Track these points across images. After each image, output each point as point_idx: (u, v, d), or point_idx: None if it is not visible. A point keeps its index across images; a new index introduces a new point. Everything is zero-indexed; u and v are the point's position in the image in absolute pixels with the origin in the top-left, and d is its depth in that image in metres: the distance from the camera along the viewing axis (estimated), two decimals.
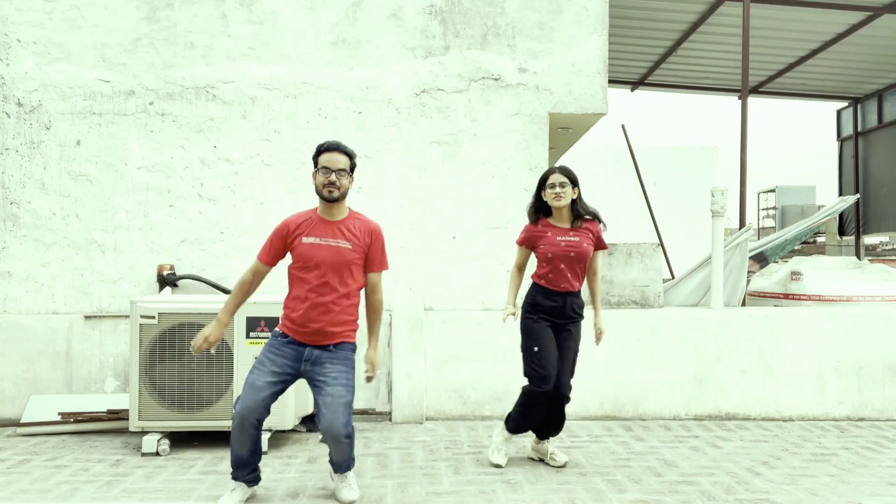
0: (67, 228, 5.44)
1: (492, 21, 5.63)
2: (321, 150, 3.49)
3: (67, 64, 5.45)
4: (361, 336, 3.81)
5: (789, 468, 4.21)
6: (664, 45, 9.36)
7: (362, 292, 3.61)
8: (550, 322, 4.06)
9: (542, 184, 4.07)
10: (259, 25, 5.54)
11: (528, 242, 4.12)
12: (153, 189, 5.47)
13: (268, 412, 3.47)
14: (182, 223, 5.47)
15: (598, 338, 4.18)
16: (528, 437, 4.50)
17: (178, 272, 5.42)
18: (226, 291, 5.32)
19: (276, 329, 3.56)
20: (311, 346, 3.47)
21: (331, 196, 3.44)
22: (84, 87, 5.45)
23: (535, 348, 3.99)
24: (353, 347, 3.59)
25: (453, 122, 5.59)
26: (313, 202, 5.58)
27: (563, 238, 4.00)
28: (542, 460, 4.29)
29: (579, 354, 4.16)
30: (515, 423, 4.17)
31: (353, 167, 3.52)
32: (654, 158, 14.39)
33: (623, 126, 9.01)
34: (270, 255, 3.55)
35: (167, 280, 5.33)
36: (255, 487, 3.68)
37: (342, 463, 3.62)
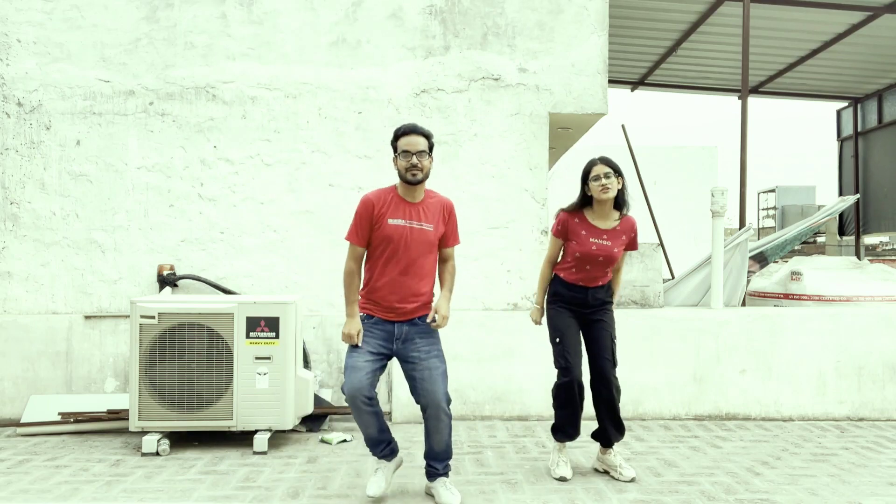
0: (67, 228, 5.44)
1: (492, 21, 5.63)
2: (398, 134, 3.49)
3: (67, 64, 5.45)
4: None
5: (789, 468, 4.21)
6: (664, 45, 9.36)
7: None
8: (575, 311, 3.94)
9: (586, 177, 3.86)
10: (259, 25, 5.54)
11: (563, 234, 3.92)
12: (153, 189, 5.47)
13: (374, 389, 3.48)
14: (182, 223, 5.47)
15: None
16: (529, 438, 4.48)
17: (178, 272, 5.42)
18: (226, 291, 5.33)
19: (361, 313, 3.58)
20: (398, 322, 3.52)
21: (415, 178, 3.45)
22: (84, 87, 5.45)
23: (557, 339, 3.89)
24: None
25: (453, 122, 5.59)
26: (313, 201, 5.61)
27: (596, 241, 3.84)
28: (607, 473, 4.04)
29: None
30: (555, 424, 4.02)
31: (431, 147, 3.52)
32: (654, 158, 14.40)
33: (623, 126, 9.01)
34: (361, 237, 3.52)
35: (167, 280, 5.33)
36: (398, 458, 3.75)
37: (442, 452, 3.58)
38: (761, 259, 7.24)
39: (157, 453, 4.39)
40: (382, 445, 3.65)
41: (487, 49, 5.63)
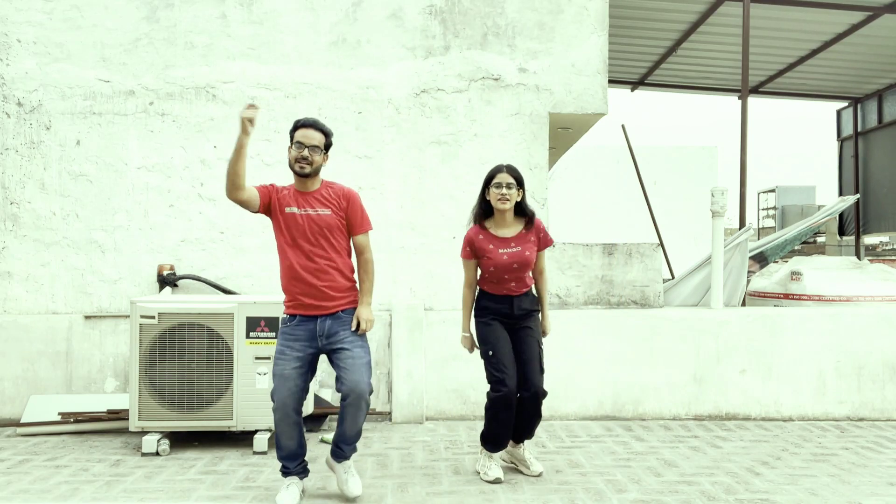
0: (67, 228, 5.44)
1: (492, 21, 5.63)
2: (297, 125, 3.53)
3: (67, 64, 5.45)
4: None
5: (789, 468, 4.21)
6: (664, 45, 9.36)
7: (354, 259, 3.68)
8: (503, 322, 3.93)
9: (488, 182, 3.87)
10: (259, 25, 5.54)
11: (473, 254, 3.93)
12: (153, 189, 5.47)
13: (304, 397, 3.55)
14: (182, 223, 5.47)
15: (530, 329, 3.95)
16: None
17: (178, 272, 5.42)
18: (226, 291, 5.33)
19: (283, 315, 3.63)
20: (320, 317, 3.52)
21: (302, 171, 3.49)
22: (84, 87, 5.45)
23: (490, 352, 3.86)
24: None
25: (453, 122, 5.59)
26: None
27: (506, 250, 3.84)
28: (514, 466, 4.11)
29: (544, 351, 3.99)
30: (487, 436, 3.97)
31: (327, 145, 3.56)
32: (654, 158, 14.38)
33: (623, 126, 9.01)
34: (261, 189, 3.54)
35: (167, 280, 5.33)
36: (306, 480, 3.75)
37: (352, 437, 3.62)
38: (761, 259, 7.24)
39: (157, 453, 4.39)
40: (298, 461, 3.66)
41: (487, 49, 5.63)
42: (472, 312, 4.04)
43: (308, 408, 4.71)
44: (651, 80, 11.05)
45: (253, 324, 4.50)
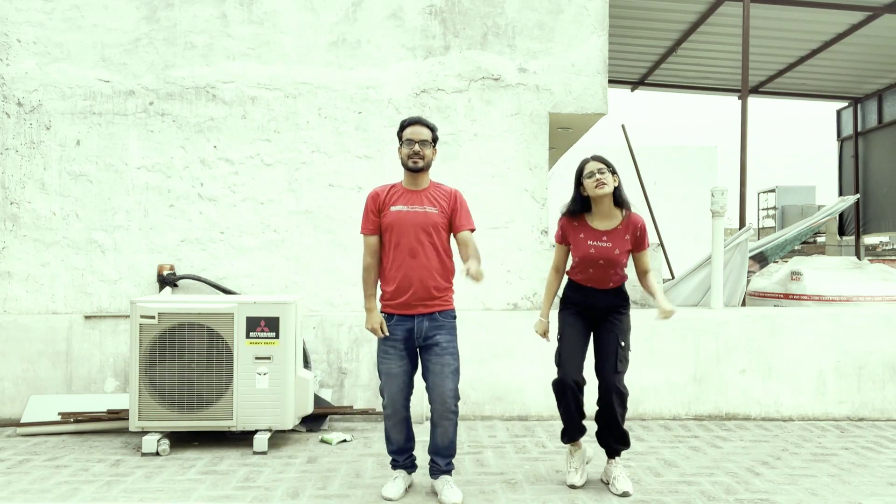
0: (67, 228, 5.44)
1: (492, 21, 5.63)
2: (404, 125, 3.63)
3: (67, 64, 5.45)
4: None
5: (789, 468, 4.21)
6: (664, 45, 9.36)
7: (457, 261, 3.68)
8: (585, 314, 3.81)
9: (580, 176, 3.71)
10: (259, 25, 5.54)
11: (564, 238, 3.83)
12: (153, 189, 5.47)
13: (411, 392, 3.69)
14: (182, 223, 5.47)
15: (664, 316, 3.65)
16: (531, 441, 4.47)
17: (178, 272, 5.42)
18: (226, 291, 5.33)
19: (382, 313, 3.66)
20: (417, 316, 3.58)
21: (416, 166, 3.57)
22: (84, 87, 5.45)
23: (559, 336, 3.82)
24: (454, 315, 3.69)
25: (453, 122, 5.59)
26: (313, 201, 5.61)
27: (595, 243, 3.70)
28: (607, 484, 3.87)
29: (629, 349, 3.80)
30: (563, 425, 3.87)
31: (435, 139, 3.65)
32: (654, 158, 14.39)
33: (623, 126, 9.01)
34: (371, 226, 3.64)
35: (167, 280, 5.33)
36: (415, 474, 3.84)
37: (445, 448, 3.65)
38: (761, 259, 7.25)
39: (157, 453, 4.39)
40: (406, 455, 3.77)
41: (487, 49, 5.63)
42: (552, 304, 3.95)
43: (308, 408, 4.71)
44: (651, 80, 11.05)
45: (253, 324, 4.50)
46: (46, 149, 5.43)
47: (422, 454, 3.89)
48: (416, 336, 3.60)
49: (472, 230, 3.66)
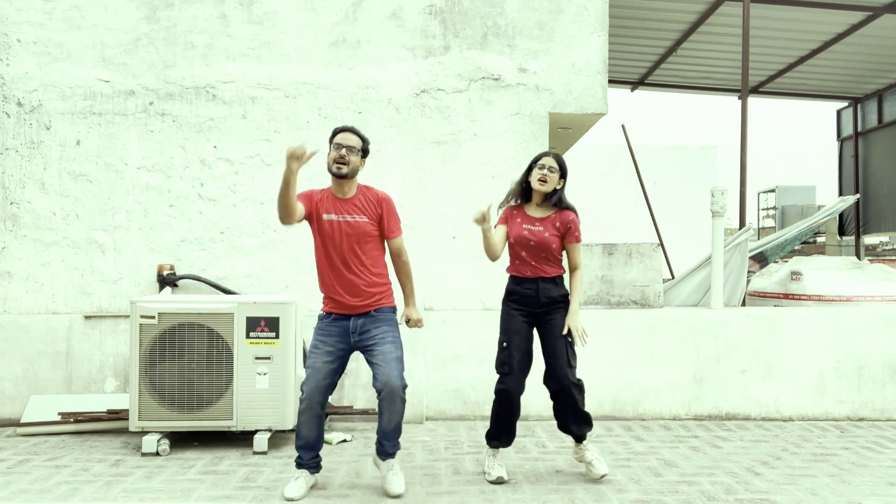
0: (67, 228, 5.44)
1: (492, 21, 5.63)
2: (336, 131, 3.69)
3: (67, 64, 5.45)
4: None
5: (789, 468, 4.21)
6: (664, 45, 9.36)
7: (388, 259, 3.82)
8: (527, 312, 3.92)
9: (533, 163, 3.95)
10: (259, 25, 5.54)
11: (502, 221, 4.02)
12: (153, 189, 5.47)
13: (331, 391, 3.71)
14: (182, 223, 5.47)
15: (567, 332, 3.88)
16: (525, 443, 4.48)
17: (178, 272, 5.42)
18: (226, 291, 5.33)
19: (320, 312, 3.76)
20: (354, 316, 3.66)
21: (339, 171, 3.61)
22: (84, 87, 5.45)
23: (504, 343, 3.92)
24: (394, 309, 3.78)
25: (453, 122, 5.59)
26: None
27: (528, 226, 3.91)
28: (583, 471, 4.02)
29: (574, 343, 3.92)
30: (489, 430, 4.02)
31: (365, 151, 3.70)
32: (654, 158, 14.38)
33: (623, 126, 9.01)
34: (303, 200, 3.66)
35: (167, 280, 5.33)
36: (318, 476, 3.83)
37: (391, 432, 3.69)
38: (761, 259, 7.24)
39: (157, 453, 4.39)
40: (313, 454, 3.77)
41: (487, 49, 5.63)
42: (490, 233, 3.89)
43: None
44: (651, 80, 11.05)
45: (253, 324, 4.50)
46: (46, 149, 5.43)
47: (422, 453, 3.88)
48: (352, 332, 3.67)
49: (399, 235, 3.77)
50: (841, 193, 12.11)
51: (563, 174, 3.93)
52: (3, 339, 5.25)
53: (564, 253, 4.00)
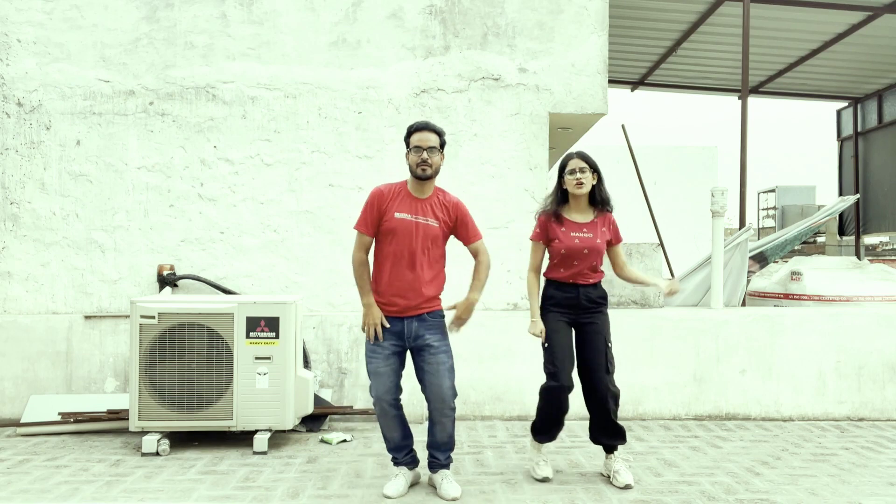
0: (67, 228, 5.44)
1: (492, 21, 5.63)
2: (411, 130, 3.64)
3: (67, 64, 5.45)
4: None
5: (789, 468, 4.21)
6: (664, 45, 9.36)
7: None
8: (567, 314, 3.87)
9: (562, 171, 3.90)
10: (259, 25, 5.54)
11: (544, 237, 3.93)
12: (153, 189, 5.47)
13: (400, 391, 3.71)
14: (182, 223, 5.47)
15: (670, 290, 3.85)
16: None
17: (178, 272, 5.42)
18: (226, 291, 5.33)
19: None
20: (407, 318, 3.63)
21: (424, 174, 3.58)
22: (84, 87, 5.45)
23: (546, 344, 3.86)
24: (443, 314, 3.76)
25: (453, 122, 5.59)
26: (313, 201, 5.61)
27: (577, 234, 3.84)
28: (609, 478, 3.94)
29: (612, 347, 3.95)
30: (537, 425, 4.01)
31: (443, 144, 3.66)
32: (654, 158, 14.38)
33: (623, 126, 9.00)
34: (370, 226, 3.63)
35: (167, 280, 5.33)
36: (418, 469, 3.85)
37: (443, 443, 3.70)
38: (761, 259, 7.25)
39: (157, 453, 4.39)
40: (405, 451, 3.79)
41: (487, 49, 5.63)
42: (541, 301, 3.96)
43: (308, 408, 4.71)
44: (651, 80, 11.05)
45: (253, 324, 4.50)
46: (46, 149, 5.43)
47: (422, 453, 3.89)
48: (407, 337, 3.63)
49: (479, 239, 3.77)
50: (841, 193, 12.12)
51: (594, 169, 3.87)
52: (3, 339, 5.25)
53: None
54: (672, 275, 8.04)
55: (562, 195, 3.93)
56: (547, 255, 3.98)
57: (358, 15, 5.58)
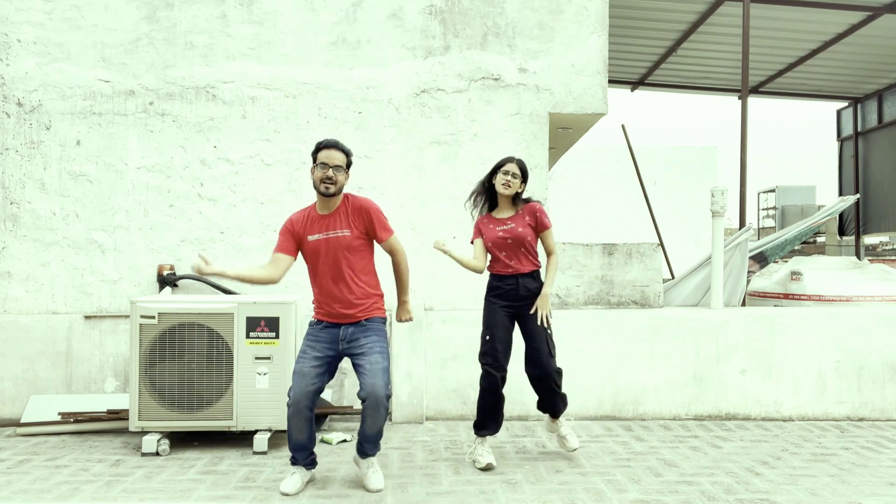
0: (67, 228, 5.44)
1: (492, 21, 5.63)
2: (319, 147, 3.71)
3: (67, 64, 5.45)
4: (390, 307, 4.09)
5: (789, 468, 4.21)
6: (664, 45, 9.36)
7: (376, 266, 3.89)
8: (508, 306, 4.16)
9: (497, 169, 4.18)
10: (259, 25, 5.54)
11: (479, 233, 4.26)
12: (153, 189, 5.47)
13: (318, 395, 3.75)
14: (182, 223, 5.47)
15: (536, 311, 4.15)
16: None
17: (178, 272, 5.42)
18: (226, 291, 5.33)
19: (311, 319, 3.84)
20: (344, 325, 3.73)
21: (327, 191, 3.66)
22: (84, 87, 5.45)
23: (487, 336, 4.14)
24: (383, 319, 3.85)
25: (453, 122, 5.59)
26: (314, 201, 5.60)
27: (500, 227, 4.16)
28: (557, 443, 4.40)
29: (554, 336, 4.25)
30: (477, 421, 4.25)
31: (349, 164, 3.75)
32: (654, 158, 14.39)
33: (623, 126, 9.01)
34: (284, 245, 3.76)
35: (167, 280, 5.33)
36: (314, 471, 3.92)
37: (373, 436, 3.77)
38: (761, 259, 7.24)
39: (157, 453, 4.39)
40: (307, 453, 3.84)
41: (487, 49, 5.63)
42: (467, 264, 4.20)
43: None
44: (651, 80, 11.05)
45: (253, 324, 4.50)
46: (46, 149, 5.44)
47: (422, 453, 3.89)
48: (341, 339, 3.73)
49: (389, 236, 3.77)
50: (841, 193, 12.11)
51: (524, 179, 4.20)
52: (3, 339, 5.25)
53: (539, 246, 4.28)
54: (672, 275, 8.05)
55: (490, 197, 4.27)
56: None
57: (358, 15, 5.58)
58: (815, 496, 3.73)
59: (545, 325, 4.15)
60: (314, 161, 3.68)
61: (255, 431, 4.50)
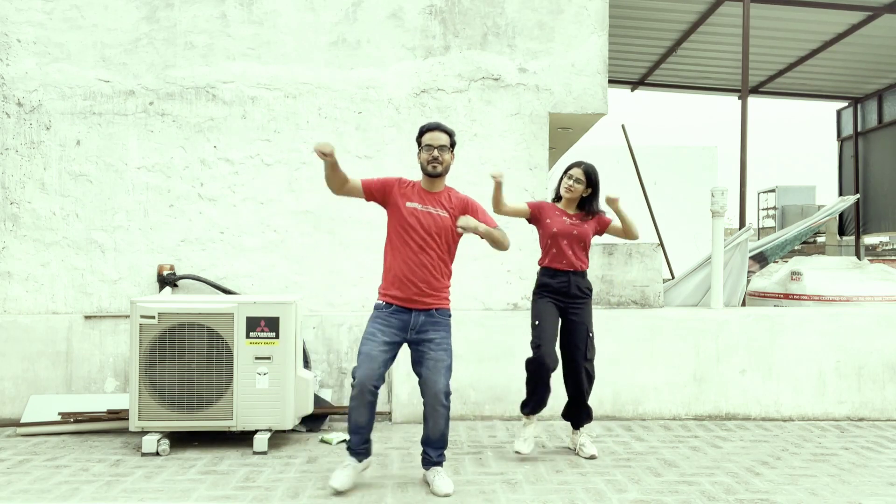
0: (67, 228, 5.44)
1: (492, 21, 5.63)
2: (423, 130, 3.77)
3: (67, 64, 5.45)
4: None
5: (789, 468, 4.21)
6: (664, 45, 9.36)
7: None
8: (556, 301, 4.25)
9: (563, 173, 4.33)
10: (259, 25, 5.54)
11: (536, 210, 4.33)
12: (153, 189, 5.47)
13: (383, 380, 3.72)
14: (182, 223, 5.47)
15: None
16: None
17: (178, 272, 5.42)
18: (226, 291, 5.33)
19: (379, 301, 3.78)
20: (415, 311, 3.71)
21: (434, 171, 3.72)
22: (84, 87, 5.45)
23: (536, 322, 4.22)
24: (450, 314, 3.85)
25: (453, 122, 5.59)
26: (313, 201, 5.61)
27: (568, 219, 4.27)
28: (576, 452, 4.44)
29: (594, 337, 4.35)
30: (525, 400, 4.33)
31: (453, 144, 3.80)
32: (654, 158, 14.39)
33: (623, 126, 9.01)
34: (374, 186, 3.75)
35: (167, 280, 5.33)
36: (369, 460, 3.87)
37: (436, 440, 3.77)
38: (761, 259, 7.25)
39: (157, 453, 4.39)
40: (362, 438, 3.79)
41: (487, 49, 5.63)
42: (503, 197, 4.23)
43: (308, 408, 4.70)
44: (651, 80, 11.05)
45: (253, 324, 4.50)
46: (46, 149, 5.44)
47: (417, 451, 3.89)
48: (411, 328, 3.72)
49: (496, 227, 3.84)
50: (841, 193, 12.11)
51: (590, 184, 4.28)
52: (3, 339, 5.25)
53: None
54: (672, 275, 8.05)
55: (558, 193, 4.39)
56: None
57: (358, 15, 5.58)
58: (815, 496, 3.73)
59: (590, 330, 4.27)
60: (419, 146, 3.74)
61: (255, 431, 4.49)
